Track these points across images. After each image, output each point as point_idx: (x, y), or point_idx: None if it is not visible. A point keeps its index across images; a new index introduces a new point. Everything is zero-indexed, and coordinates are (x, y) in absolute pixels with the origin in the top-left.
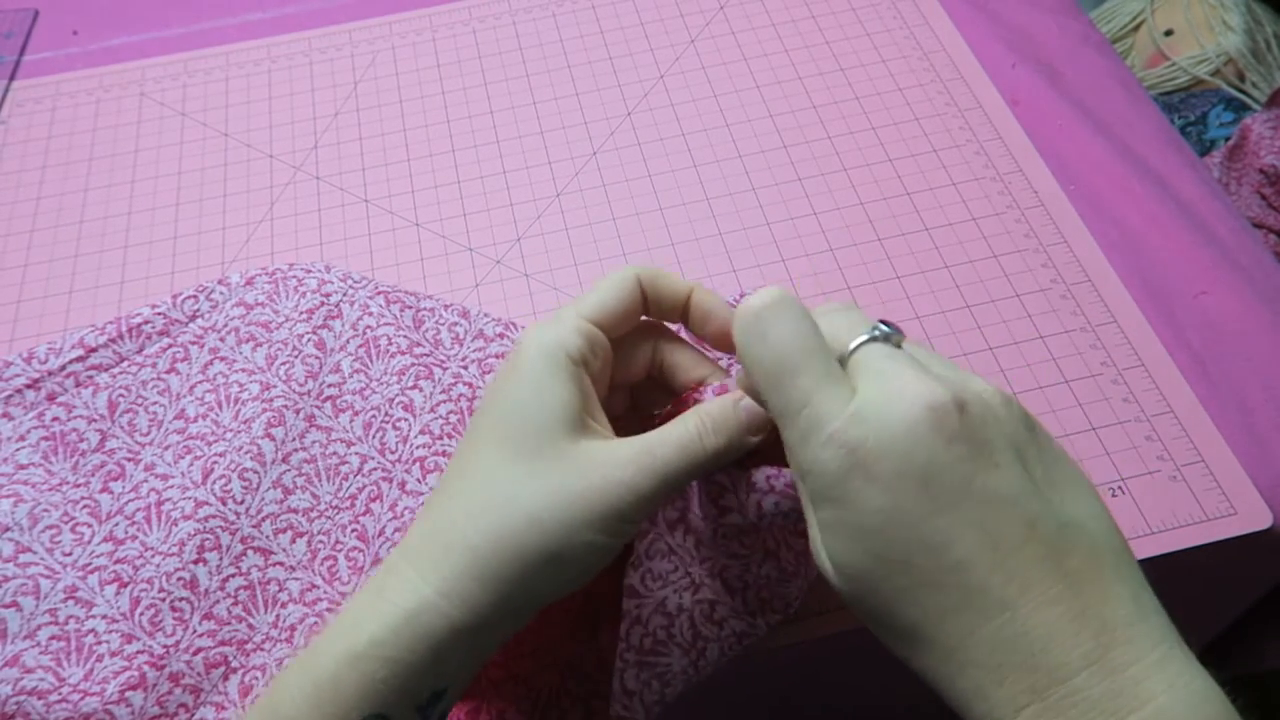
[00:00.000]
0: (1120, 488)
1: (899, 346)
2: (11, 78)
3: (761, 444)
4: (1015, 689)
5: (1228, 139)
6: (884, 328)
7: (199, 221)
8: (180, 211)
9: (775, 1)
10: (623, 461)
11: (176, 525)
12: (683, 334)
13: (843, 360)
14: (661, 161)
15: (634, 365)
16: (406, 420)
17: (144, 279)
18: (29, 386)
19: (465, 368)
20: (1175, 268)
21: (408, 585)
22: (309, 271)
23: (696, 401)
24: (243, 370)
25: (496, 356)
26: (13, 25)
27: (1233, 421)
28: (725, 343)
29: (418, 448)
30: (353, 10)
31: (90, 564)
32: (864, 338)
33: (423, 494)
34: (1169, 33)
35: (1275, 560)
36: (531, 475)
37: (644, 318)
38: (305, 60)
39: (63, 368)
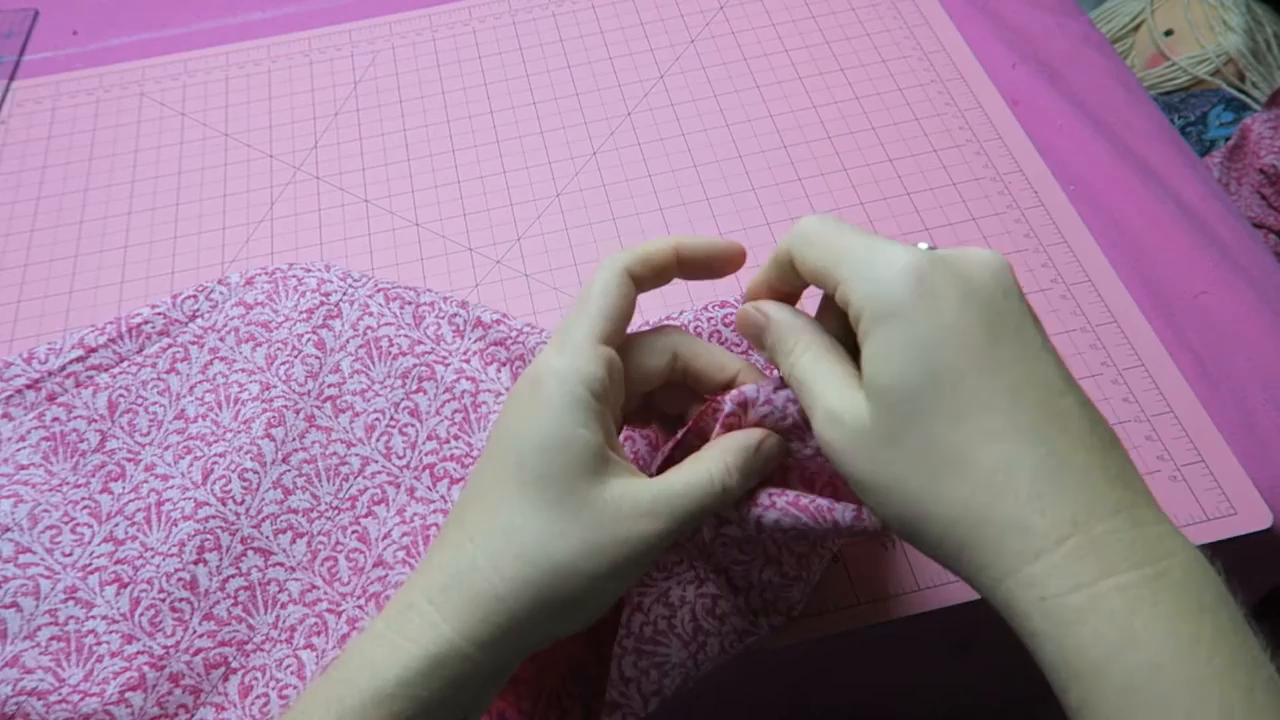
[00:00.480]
0: None
1: None
2: (11, 78)
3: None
4: (1057, 519)
5: (1228, 139)
6: (926, 245)
7: (199, 221)
8: (180, 211)
9: (775, 1)
10: (645, 512)
11: (176, 526)
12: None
13: None
14: (661, 161)
15: (651, 373)
16: (413, 426)
17: (144, 279)
18: (29, 387)
19: (467, 361)
20: (1175, 268)
21: (433, 629)
22: (308, 271)
23: (718, 411)
24: (242, 370)
25: (496, 344)
26: (13, 25)
27: (1233, 421)
28: (731, 263)
29: (426, 454)
30: (353, 10)
31: (90, 564)
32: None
33: (433, 501)
34: (1169, 33)
35: (1275, 560)
36: (558, 525)
37: (664, 322)
38: (305, 60)
39: (63, 368)
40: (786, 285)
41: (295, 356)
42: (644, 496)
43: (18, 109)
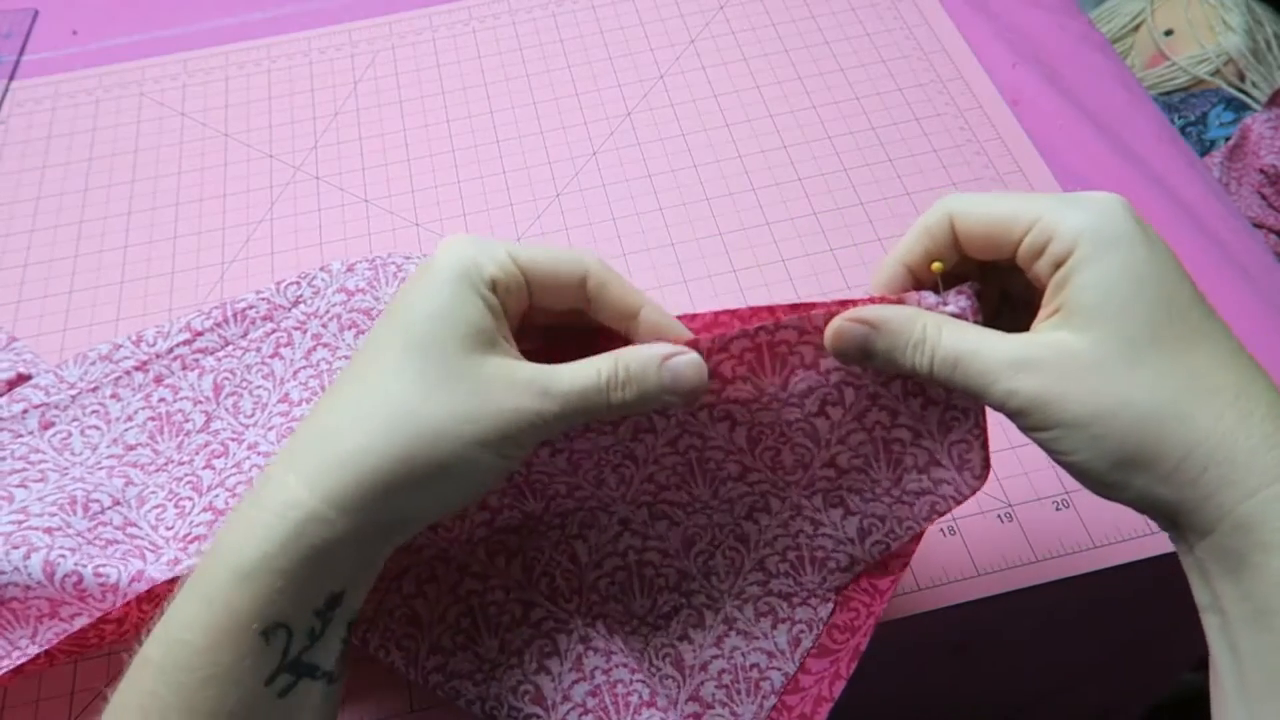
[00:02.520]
0: None
1: None
2: (11, 78)
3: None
4: None
5: (1228, 139)
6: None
7: (199, 221)
8: (180, 211)
9: (775, 1)
10: (520, 388)
11: None
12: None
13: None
14: (661, 161)
15: (563, 287)
16: None
17: (144, 279)
18: (137, 369)
19: None
20: None
21: (291, 496)
22: (408, 259)
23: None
24: (345, 357)
25: None
26: (13, 25)
27: None
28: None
29: None
30: (353, 10)
31: (190, 534)
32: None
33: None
34: (1169, 33)
35: None
36: (428, 389)
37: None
38: (305, 60)
39: (170, 351)
40: (923, 267)
41: None
42: (524, 374)
43: (18, 109)
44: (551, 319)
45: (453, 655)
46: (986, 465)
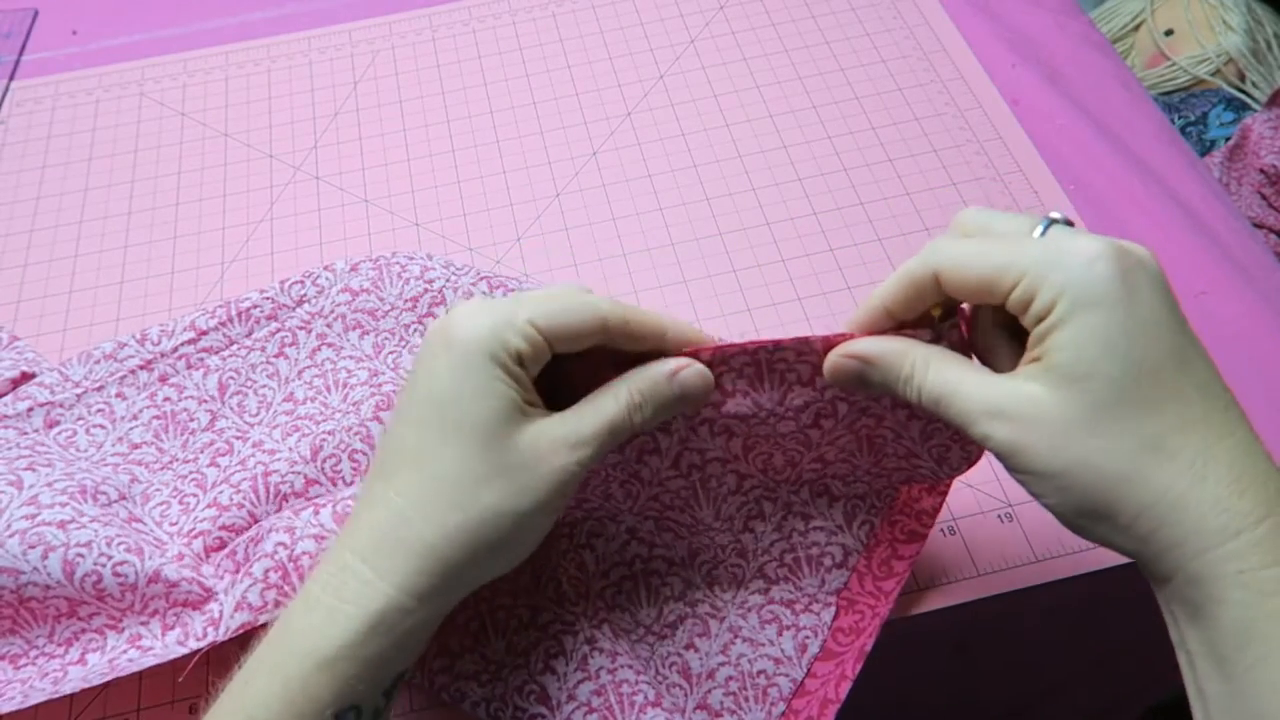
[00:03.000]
0: None
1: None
2: (11, 78)
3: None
4: (1255, 501)
5: (1228, 139)
6: (1058, 214)
7: (199, 221)
8: (180, 211)
9: (775, 1)
10: (560, 447)
11: (287, 501)
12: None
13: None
14: (661, 161)
15: (581, 338)
16: None
17: (144, 279)
18: (142, 367)
19: None
20: (1175, 268)
21: (370, 588)
22: (411, 259)
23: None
24: (350, 357)
25: None
26: (13, 25)
27: None
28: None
29: None
30: (353, 10)
31: (194, 529)
32: (1045, 222)
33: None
34: (1169, 33)
35: None
36: (484, 470)
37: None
38: (305, 60)
39: (175, 350)
40: (910, 314)
41: (403, 346)
42: (559, 431)
43: (18, 109)
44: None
45: (459, 657)
46: (967, 460)
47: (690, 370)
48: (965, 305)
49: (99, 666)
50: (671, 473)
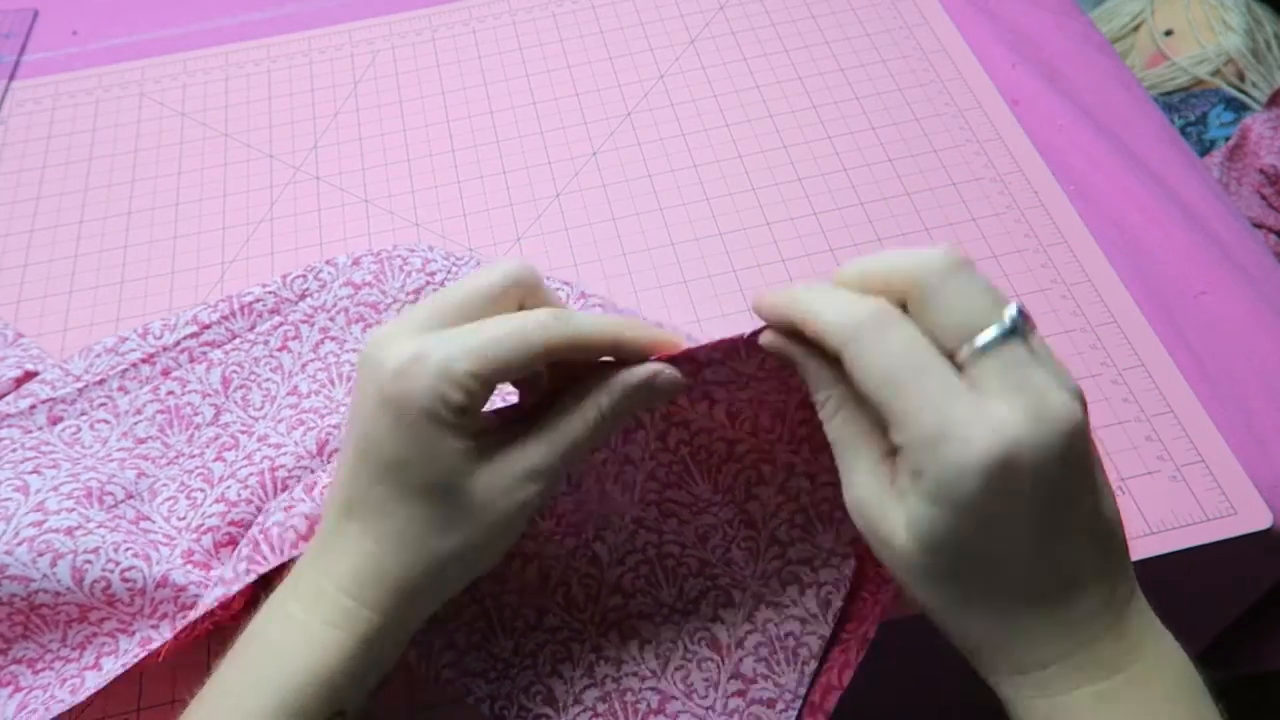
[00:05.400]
0: (1120, 488)
1: (1028, 339)
2: (11, 78)
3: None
4: (1045, 654)
5: (1228, 139)
6: (1015, 315)
7: (199, 221)
8: (180, 211)
9: (775, 1)
10: (517, 484)
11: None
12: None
13: (969, 349)
14: (661, 161)
15: (526, 367)
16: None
17: (144, 279)
18: (144, 361)
19: None
20: (1175, 268)
21: (354, 614)
22: (413, 251)
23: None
24: (353, 350)
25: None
26: (13, 25)
27: (1233, 421)
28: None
29: None
30: (353, 10)
31: (203, 524)
32: (995, 334)
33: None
34: (1169, 33)
35: (1275, 560)
36: (442, 525)
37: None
38: (305, 60)
39: (177, 343)
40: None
41: None
42: (515, 469)
43: (18, 109)
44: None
45: (466, 653)
46: None
47: (663, 378)
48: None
49: (114, 670)
50: (659, 447)
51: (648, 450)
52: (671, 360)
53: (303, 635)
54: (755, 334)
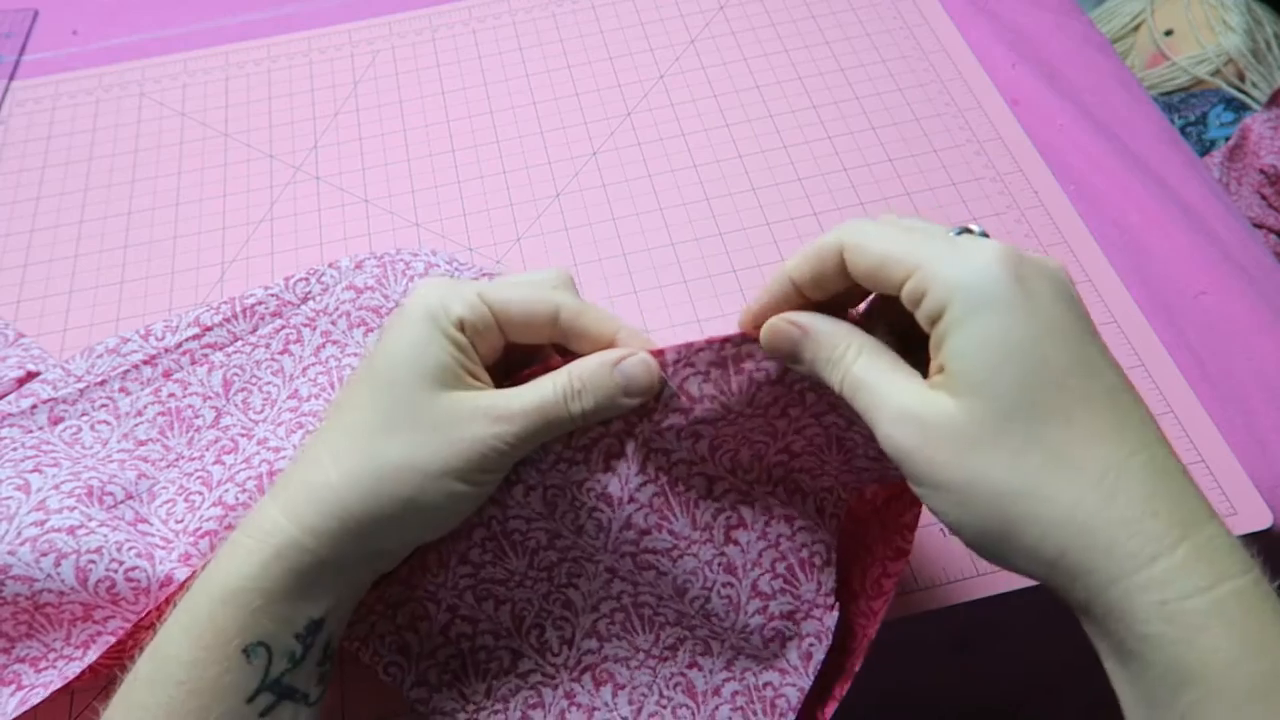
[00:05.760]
0: None
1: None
2: (11, 78)
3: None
4: (1169, 523)
5: (1228, 139)
6: (974, 227)
7: (199, 221)
8: (180, 211)
9: (775, 1)
10: (479, 416)
11: None
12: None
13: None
14: (661, 161)
15: (534, 326)
16: None
17: (144, 279)
18: (146, 363)
19: None
20: (1175, 268)
21: (273, 525)
22: (416, 255)
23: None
24: (354, 355)
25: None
26: (13, 25)
27: (1233, 421)
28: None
29: None
30: (353, 10)
31: (200, 528)
32: (956, 230)
33: None
34: (1169, 33)
35: (1275, 560)
36: (391, 428)
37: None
38: (305, 60)
39: (179, 345)
40: (818, 291)
41: None
42: (482, 402)
43: (18, 109)
44: (534, 350)
45: (438, 691)
46: None
47: (633, 359)
48: (858, 309)
49: (94, 655)
50: (640, 479)
51: (627, 488)
52: (660, 357)
53: (225, 550)
54: (743, 335)
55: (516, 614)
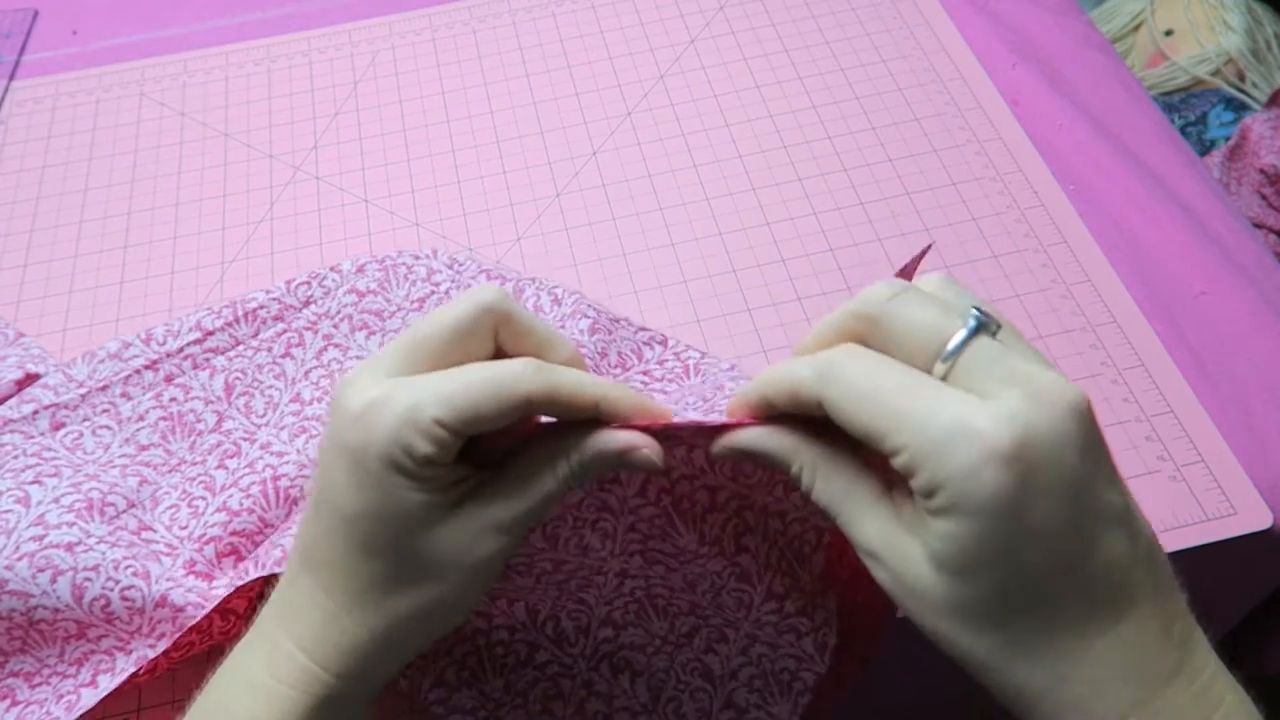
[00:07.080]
0: None
1: (997, 336)
2: (11, 78)
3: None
4: (1118, 701)
5: (1228, 139)
6: (978, 314)
7: (199, 221)
8: (180, 211)
9: (775, 1)
10: (479, 539)
11: (296, 505)
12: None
13: (943, 359)
14: (661, 161)
15: (502, 420)
16: None
17: (144, 279)
18: (147, 367)
19: (561, 326)
20: (1175, 268)
21: (309, 674)
22: (417, 259)
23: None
24: (356, 358)
25: (596, 330)
26: (13, 25)
27: (1233, 421)
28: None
29: None
30: (353, 10)
31: (205, 534)
32: (964, 334)
33: None
34: (1169, 33)
35: (1275, 561)
36: (402, 582)
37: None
38: (305, 60)
39: (180, 350)
40: (795, 409)
41: None
42: (477, 524)
43: (18, 109)
44: None
45: (456, 690)
46: None
47: (640, 455)
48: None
49: (110, 688)
50: (639, 500)
51: (627, 504)
52: (651, 431)
53: (260, 696)
54: (739, 423)
55: (531, 608)
